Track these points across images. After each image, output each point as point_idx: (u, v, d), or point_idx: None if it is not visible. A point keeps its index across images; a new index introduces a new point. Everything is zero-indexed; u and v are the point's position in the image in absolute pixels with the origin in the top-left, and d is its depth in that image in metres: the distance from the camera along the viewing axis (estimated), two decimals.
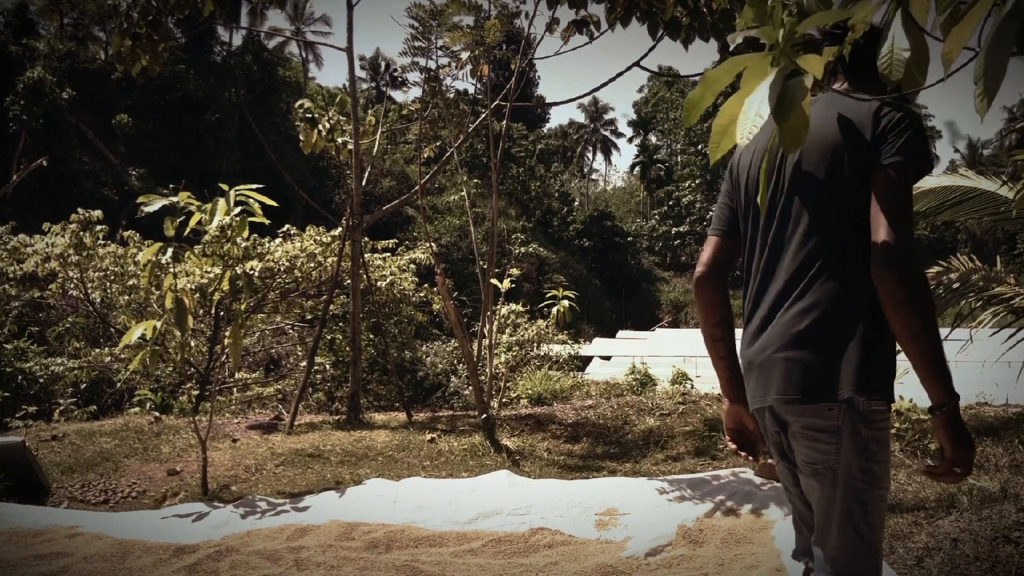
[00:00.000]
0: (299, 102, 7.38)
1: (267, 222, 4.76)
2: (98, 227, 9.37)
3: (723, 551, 3.42)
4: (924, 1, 1.03)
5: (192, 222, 4.49)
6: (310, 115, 7.20)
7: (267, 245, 8.73)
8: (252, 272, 7.40)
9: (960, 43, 0.98)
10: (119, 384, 9.46)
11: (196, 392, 8.44)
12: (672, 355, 21.19)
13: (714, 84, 1.31)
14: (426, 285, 11.27)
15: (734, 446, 1.85)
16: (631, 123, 64.73)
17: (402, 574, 3.26)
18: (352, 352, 7.65)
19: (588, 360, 20.61)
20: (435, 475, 5.09)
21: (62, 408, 8.45)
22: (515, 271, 7.58)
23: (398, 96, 44.18)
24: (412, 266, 10.91)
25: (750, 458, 1.84)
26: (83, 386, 9.35)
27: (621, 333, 33.66)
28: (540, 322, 12.17)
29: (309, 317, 10.09)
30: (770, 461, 4.65)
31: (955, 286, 5.06)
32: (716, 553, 3.40)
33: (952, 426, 1.50)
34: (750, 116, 1.20)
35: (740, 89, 1.26)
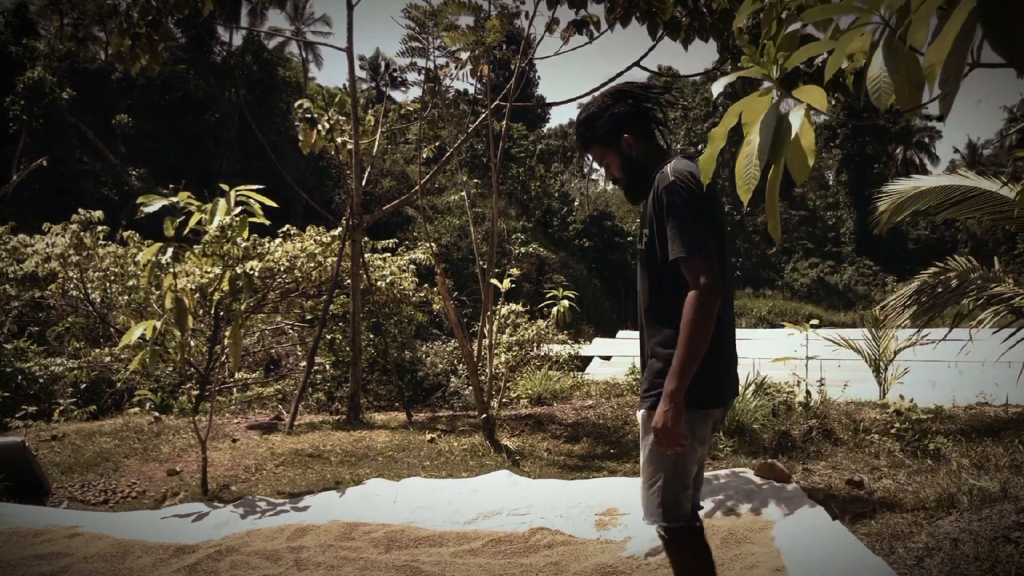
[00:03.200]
0: (299, 102, 7.38)
1: (267, 223, 4.76)
2: (99, 227, 9.37)
3: (723, 551, 3.42)
4: (924, 23, 1.03)
5: (192, 222, 4.49)
6: (310, 115, 7.20)
7: (267, 245, 8.73)
8: (252, 272, 7.40)
9: (940, 55, 0.98)
10: (119, 384, 9.46)
11: (196, 392, 8.44)
12: None
13: (718, 141, 1.36)
14: (426, 285, 11.26)
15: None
16: None
17: (402, 574, 3.26)
18: (352, 352, 7.65)
19: (588, 360, 20.59)
20: (435, 475, 5.09)
21: (62, 408, 8.44)
22: (515, 271, 7.58)
23: (398, 96, 44.15)
24: (412, 266, 10.90)
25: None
26: (83, 386, 9.34)
27: (621, 333, 33.63)
28: (540, 322, 12.15)
29: (309, 317, 10.08)
30: (769, 460, 4.65)
31: (953, 284, 5.06)
32: (716, 553, 3.38)
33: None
34: (749, 169, 1.26)
35: (744, 134, 1.30)
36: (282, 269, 8.56)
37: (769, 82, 1.30)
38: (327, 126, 7.25)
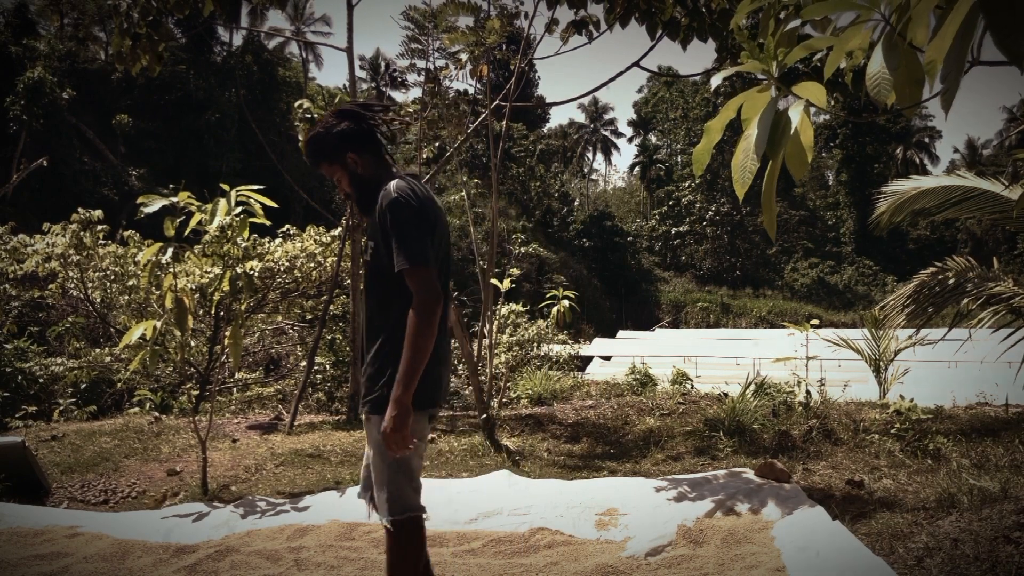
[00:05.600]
0: (299, 102, 7.37)
1: (268, 223, 4.76)
2: (98, 227, 9.37)
3: (723, 551, 3.42)
4: (923, 22, 1.03)
5: (192, 222, 4.49)
6: (309, 115, 7.19)
7: (267, 245, 8.72)
8: (252, 272, 7.39)
9: (941, 52, 0.98)
10: (119, 384, 9.46)
11: (196, 392, 8.44)
12: (672, 355, 21.20)
13: (714, 133, 1.35)
14: None
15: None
16: (631, 123, 64.76)
17: None
18: (352, 352, 7.65)
19: (588, 360, 20.61)
20: (435, 475, 5.09)
21: (62, 408, 8.44)
22: (515, 271, 7.58)
23: (398, 96, 44.18)
24: None
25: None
26: (83, 386, 9.35)
27: (621, 333, 33.67)
28: (540, 322, 12.18)
29: (309, 317, 10.08)
30: (769, 460, 4.65)
31: (951, 283, 5.06)
32: (716, 553, 3.40)
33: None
34: (746, 164, 1.25)
35: (743, 129, 1.29)
36: (282, 269, 8.56)
37: (768, 78, 1.29)
38: None
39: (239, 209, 4.51)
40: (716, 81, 1.42)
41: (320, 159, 2.48)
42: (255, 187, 4.56)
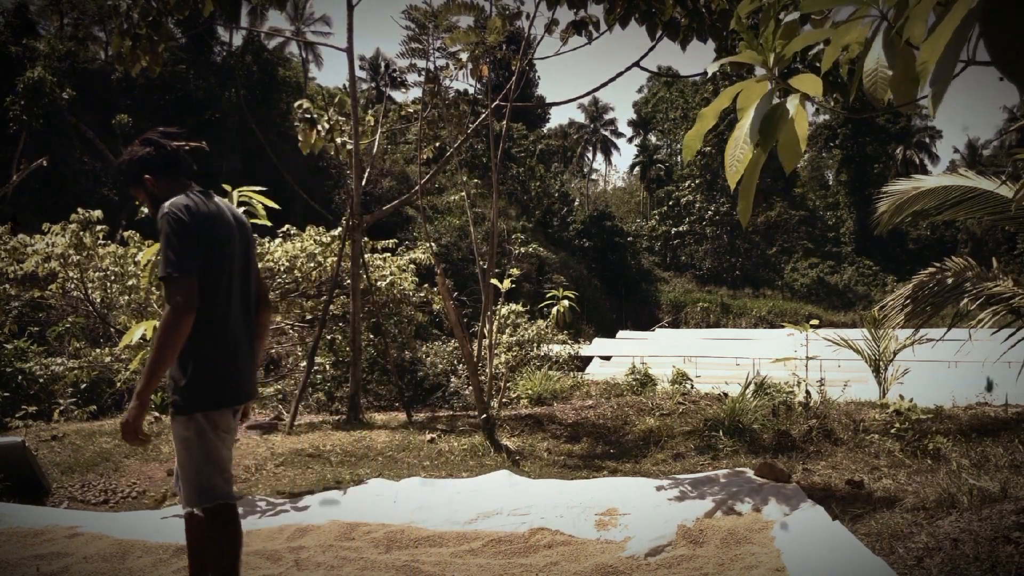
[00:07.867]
0: (298, 102, 7.38)
1: (268, 223, 4.77)
2: (98, 227, 9.37)
3: (723, 551, 3.42)
4: (922, 19, 1.03)
5: None
6: (309, 115, 7.20)
7: (267, 245, 8.73)
8: None
9: (935, 53, 0.99)
10: (119, 384, 9.46)
11: None
12: (672, 355, 21.19)
13: (707, 119, 1.35)
14: (426, 285, 11.26)
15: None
16: (631, 123, 64.77)
17: (402, 574, 3.26)
18: (352, 352, 7.65)
19: (588, 360, 20.59)
20: (435, 475, 5.09)
21: (62, 408, 8.44)
22: (515, 271, 7.58)
23: (398, 96, 44.15)
24: (412, 266, 10.91)
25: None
26: (83, 386, 9.34)
27: (621, 333, 33.65)
28: (540, 322, 12.18)
29: (309, 317, 10.08)
30: (769, 460, 4.64)
31: (949, 283, 5.07)
32: (716, 553, 3.40)
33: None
34: (735, 152, 1.25)
35: (738, 119, 1.29)
36: (282, 269, 8.56)
37: (764, 69, 1.29)
38: (327, 126, 7.26)
39: (241, 209, 4.50)
40: (713, 67, 1.43)
41: (127, 183, 2.68)
42: (257, 188, 4.57)
